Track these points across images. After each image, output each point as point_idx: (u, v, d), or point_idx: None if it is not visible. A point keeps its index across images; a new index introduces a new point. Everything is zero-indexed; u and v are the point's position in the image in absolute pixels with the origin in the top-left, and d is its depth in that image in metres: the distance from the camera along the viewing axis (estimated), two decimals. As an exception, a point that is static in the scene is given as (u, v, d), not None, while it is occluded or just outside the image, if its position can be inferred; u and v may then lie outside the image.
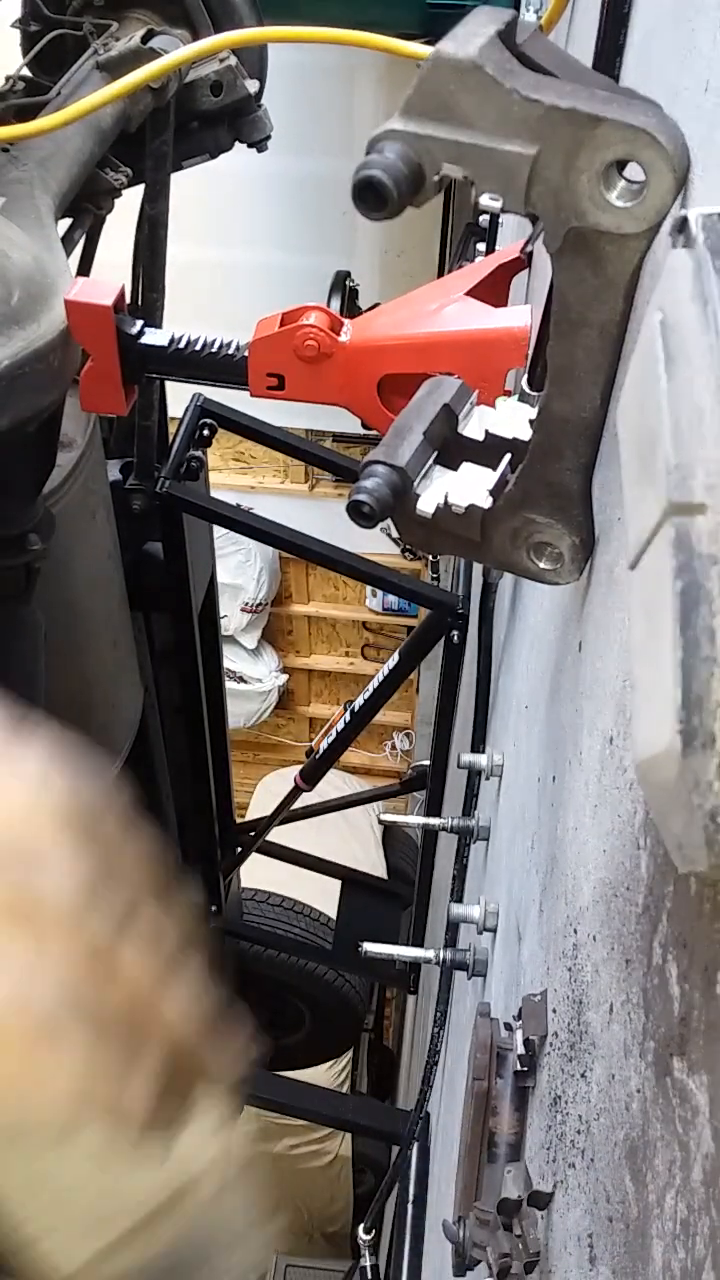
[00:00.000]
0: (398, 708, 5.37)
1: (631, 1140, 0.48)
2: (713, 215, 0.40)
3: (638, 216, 0.53)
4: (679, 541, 0.34)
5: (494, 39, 0.53)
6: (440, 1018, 1.67)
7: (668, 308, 0.40)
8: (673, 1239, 0.41)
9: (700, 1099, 0.39)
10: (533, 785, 0.94)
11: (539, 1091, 0.70)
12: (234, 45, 0.71)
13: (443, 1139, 1.43)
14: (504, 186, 0.54)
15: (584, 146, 0.52)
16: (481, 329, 0.84)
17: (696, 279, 0.40)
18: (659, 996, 0.45)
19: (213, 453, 1.94)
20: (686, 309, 0.39)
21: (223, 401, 1.67)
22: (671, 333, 0.39)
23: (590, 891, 0.61)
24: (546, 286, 0.63)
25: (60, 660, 1.54)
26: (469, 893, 1.51)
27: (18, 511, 1.33)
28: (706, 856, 0.33)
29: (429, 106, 0.53)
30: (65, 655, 1.57)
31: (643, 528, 0.37)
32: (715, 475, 0.33)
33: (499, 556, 0.72)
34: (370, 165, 0.53)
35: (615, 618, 0.62)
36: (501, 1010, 0.91)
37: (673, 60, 0.59)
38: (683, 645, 0.32)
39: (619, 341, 0.59)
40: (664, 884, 0.46)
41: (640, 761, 0.37)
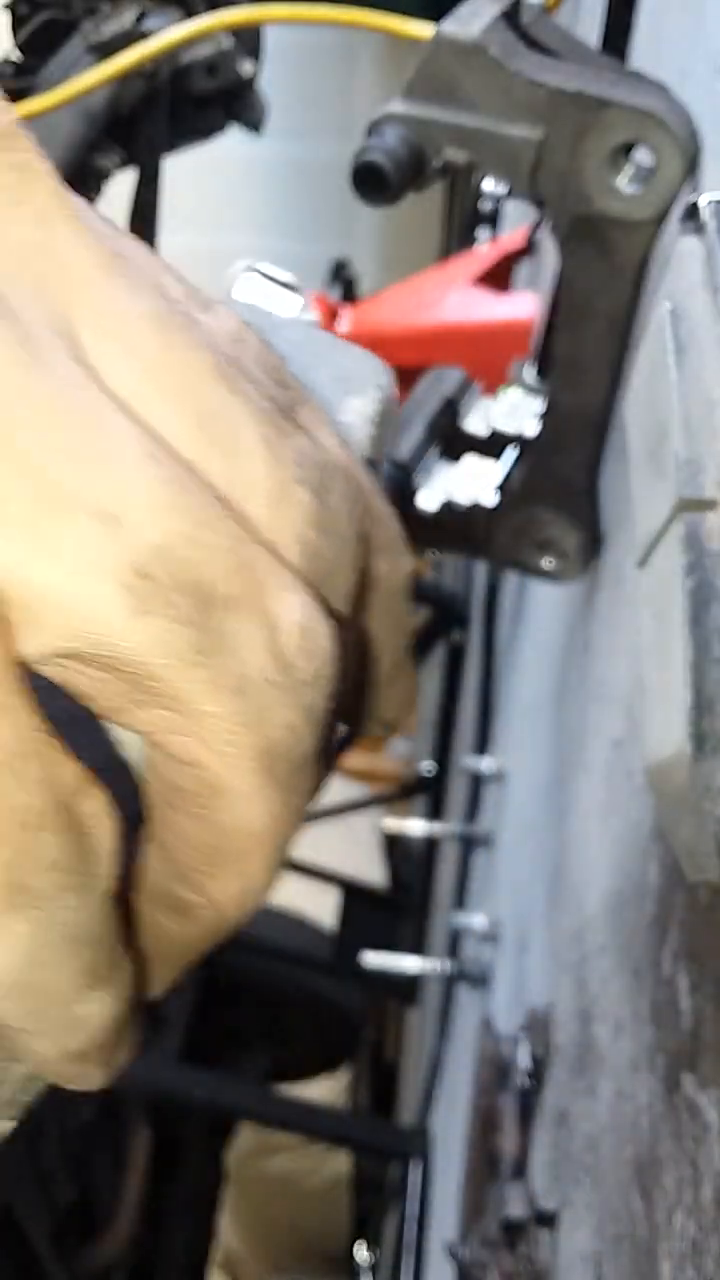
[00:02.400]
0: (401, 710, 5.39)
1: (640, 1158, 0.47)
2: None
3: (646, 202, 0.52)
4: (689, 538, 0.33)
5: (498, 19, 0.52)
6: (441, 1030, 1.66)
7: (677, 296, 0.39)
8: (682, 1259, 0.40)
9: (711, 1115, 0.38)
10: (537, 790, 0.94)
11: (544, 1107, 0.69)
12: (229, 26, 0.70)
13: (444, 1156, 1.42)
14: (508, 171, 0.53)
15: (591, 130, 0.51)
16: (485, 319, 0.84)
17: (707, 266, 0.39)
18: (669, 1009, 0.44)
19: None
20: (697, 297, 0.38)
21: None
22: (681, 322, 0.38)
23: (597, 901, 0.60)
24: (552, 275, 0.62)
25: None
26: (472, 901, 1.50)
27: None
28: (717, 865, 0.32)
29: (431, 89, 0.52)
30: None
31: (651, 524, 0.37)
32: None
33: (502, 554, 0.72)
34: (370, 149, 0.52)
35: (623, 617, 0.61)
36: (505, 1023, 0.90)
37: (682, 42, 0.58)
38: (694, 646, 0.31)
39: (627, 331, 0.58)
40: (673, 893, 0.45)
41: (649, 766, 0.36)
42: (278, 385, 0.21)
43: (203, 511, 0.18)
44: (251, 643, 0.18)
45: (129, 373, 0.18)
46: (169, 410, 0.18)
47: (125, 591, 0.17)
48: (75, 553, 0.17)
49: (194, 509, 0.18)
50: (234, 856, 0.20)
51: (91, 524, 0.17)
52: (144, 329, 0.18)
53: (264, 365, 0.21)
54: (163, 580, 0.17)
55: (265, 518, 0.19)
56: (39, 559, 0.17)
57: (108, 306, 0.18)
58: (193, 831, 0.20)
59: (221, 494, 0.19)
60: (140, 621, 0.17)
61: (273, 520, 0.19)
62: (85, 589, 0.17)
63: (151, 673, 0.18)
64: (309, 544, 0.20)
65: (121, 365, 0.18)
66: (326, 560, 0.20)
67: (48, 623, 0.17)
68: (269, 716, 0.19)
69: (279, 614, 0.18)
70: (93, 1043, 0.21)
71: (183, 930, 0.22)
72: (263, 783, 0.19)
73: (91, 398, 0.17)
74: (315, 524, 0.20)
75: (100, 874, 0.19)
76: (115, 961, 0.20)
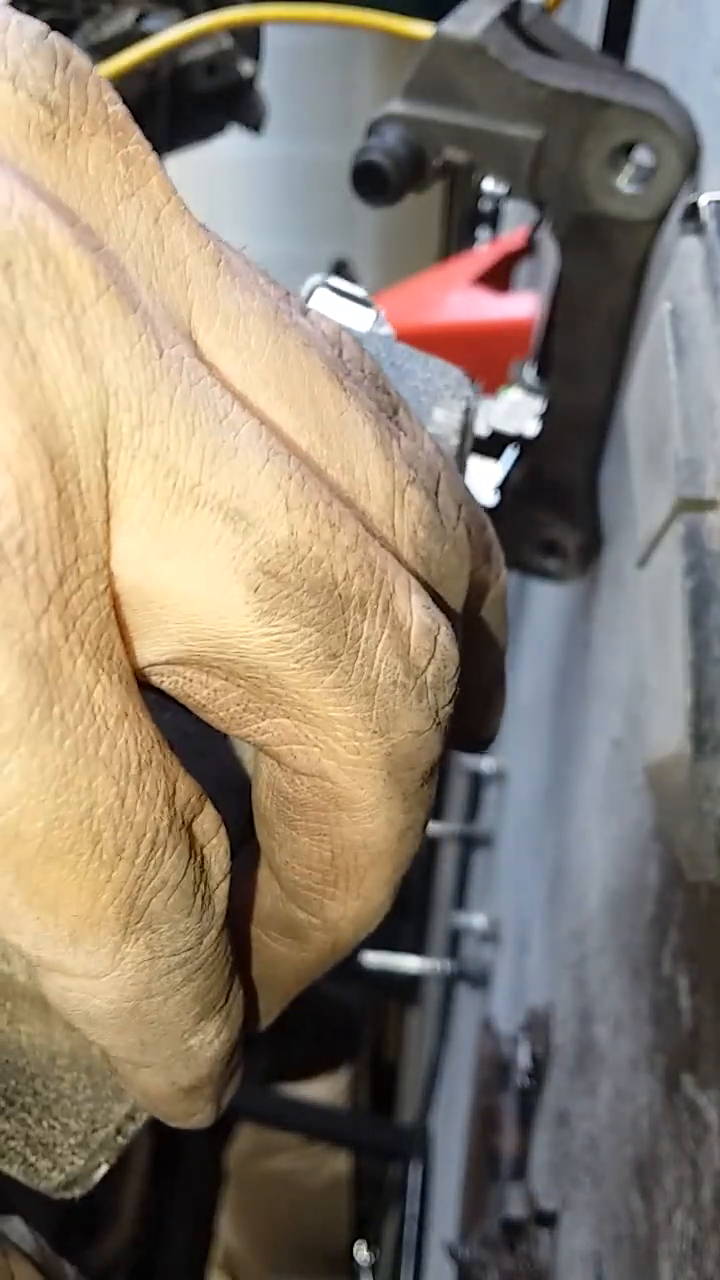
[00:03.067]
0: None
1: (640, 1157, 0.47)
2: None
3: (646, 202, 0.52)
4: (689, 538, 0.33)
5: (498, 19, 0.52)
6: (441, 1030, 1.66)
7: (677, 296, 0.39)
8: (682, 1259, 0.41)
9: (711, 1115, 0.38)
10: (537, 790, 0.94)
11: (544, 1107, 0.69)
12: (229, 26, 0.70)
13: (444, 1155, 1.42)
14: (508, 171, 0.53)
15: (591, 130, 0.51)
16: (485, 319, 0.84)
17: (707, 267, 0.39)
18: (668, 1009, 0.44)
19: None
20: (697, 298, 0.38)
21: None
22: (681, 322, 0.38)
23: (597, 900, 0.60)
24: (552, 274, 0.62)
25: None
26: (472, 901, 1.50)
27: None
28: (717, 865, 0.32)
29: (431, 89, 0.52)
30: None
31: (651, 524, 0.37)
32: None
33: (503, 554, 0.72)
34: (370, 149, 0.52)
35: (623, 618, 0.61)
36: (505, 1023, 0.90)
37: (682, 42, 0.58)
38: (694, 646, 0.32)
39: (627, 332, 0.58)
40: (673, 893, 0.45)
41: (649, 766, 0.36)
42: (378, 389, 0.20)
43: (329, 509, 0.17)
44: (379, 645, 0.17)
45: (246, 370, 0.17)
46: (286, 409, 0.18)
47: (252, 592, 0.16)
48: (202, 551, 0.16)
49: (320, 506, 0.17)
50: (354, 875, 0.19)
51: (218, 520, 0.16)
52: (258, 327, 0.18)
53: (364, 368, 0.20)
54: (291, 579, 0.16)
55: (382, 518, 0.19)
56: (164, 557, 0.16)
57: (222, 304, 0.18)
58: (310, 849, 0.19)
59: (342, 493, 0.18)
60: (268, 623, 0.16)
61: (389, 521, 0.19)
62: (212, 589, 0.16)
63: (277, 677, 0.17)
64: (424, 546, 0.19)
65: (238, 362, 0.17)
66: (441, 564, 0.20)
67: (171, 625, 0.16)
68: (397, 723, 0.18)
69: (404, 614, 0.18)
70: (203, 1076, 0.20)
71: (295, 955, 0.21)
72: (389, 794, 0.18)
73: (218, 394, 0.17)
74: (429, 525, 0.19)
75: (216, 897, 0.18)
76: (228, 990, 0.19)
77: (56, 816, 0.15)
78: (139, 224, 0.17)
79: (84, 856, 0.16)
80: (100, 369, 0.15)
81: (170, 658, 0.17)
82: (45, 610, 0.15)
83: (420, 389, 0.30)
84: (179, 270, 0.17)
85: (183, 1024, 0.18)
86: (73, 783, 0.15)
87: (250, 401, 0.17)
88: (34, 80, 0.16)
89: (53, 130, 0.17)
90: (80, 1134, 0.27)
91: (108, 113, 0.17)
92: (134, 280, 0.17)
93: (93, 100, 0.17)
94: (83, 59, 0.17)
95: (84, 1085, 0.26)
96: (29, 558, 0.14)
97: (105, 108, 0.17)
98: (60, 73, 0.17)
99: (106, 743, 0.15)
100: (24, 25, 0.17)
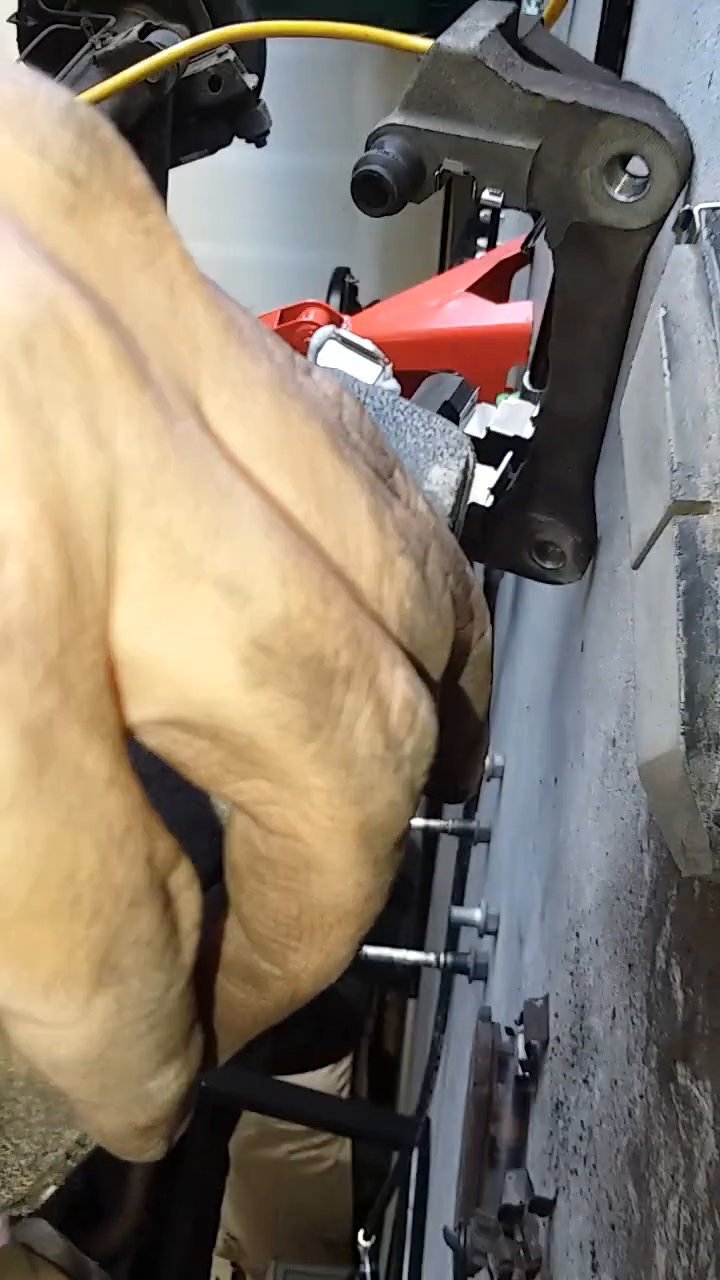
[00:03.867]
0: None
1: (634, 1147, 0.47)
2: (717, 210, 0.39)
3: (641, 211, 0.52)
4: (683, 540, 0.33)
5: (495, 32, 0.52)
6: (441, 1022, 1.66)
7: (671, 303, 0.39)
8: (676, 1246, 0.41)
9: (704, 1105, 0.39)
10: (534, 787, 0.94)
11: (541, 1097, 0.69)
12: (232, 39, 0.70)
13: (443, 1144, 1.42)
14: (506, 181, 0.53)
15: (586, 141, 0.51)
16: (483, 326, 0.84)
17: (700, 274, 0.39)
18: (662, 1002, 0.44)
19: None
20: (690, 305, 0.39)
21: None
22: (675, 329, 0.39)
23: (593, 895, 0.60)
24: (548, 282, 0.62)
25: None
26: (470, 895, 1.50)
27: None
28: (710, 860, 0.32)
29: (429, 100, 0.53)
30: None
31: (646, 526, 0.37)
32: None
33: (500, 556, 0.72)
34: (370, 160, 0.53)
35: (618, 618, 0.61)
36: (503, 1015, 0.90)
37: (676, 53, 0.58)
38: (687, 646, 0.32)
39: (622, 338, 0.58)
40: (667, 888, 0.45)
41: (643, 763, 0.36)
42: (376, 451, 0.21)
43: (322, 584, 0.17)
44: (362, 718, 0.18)
45: (250, 440, 0.18)
46: (287, 481, 0.18)
47: (244, 664, 0.16)
48: (199, 624, 0.16)
49: (314, 581, 0.17)
50: (319, 931, 0.20)
51: (217, 595, 0.16)
52: (263, 396, 0.18)
53: (362, 430, 0.20)
54: (281, 653, 0.17)
55: (371, 589, 0.19)
56: (161, 628, 0.16)
57: (229, 374, 0.18)
58: (278, 904, 0.19)
59: (334, 566, 0.18)
60: (256, 694, 0.17)
61: (377, 591, 0.19)
62: (205, 660, 0.16)
63: (260, 745, 0.17)
64: (409, 616, 0.19)
65: (241, 432, 0.18)
66: (424, 632, 0.20)
67: (161, 691, 0.17)
68: (373, 793, 0.18)
69: (388, 688, 0.18)
70: (159, 1117, 0.20)
71: (254, 1001, 0.21)
72: (359, 858, 0.19)
73: (222, 469, 0.17)
74: (416, 596, 0.19)
75: (185, 949, 0.18)
76: (188, 1036, 0.19)
77: (40, 880, 0.15)
78: (154, 295, 0.17)
79: (64, 916, 0.16)
80: (113, 446, 0.16)
81: (158, 719, 0.17)
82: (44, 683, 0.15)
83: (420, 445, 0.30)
84: (191, 341, 0.17)
85: (144, 1070, 0.19)
86: (58, 848, 0.15)
87: (252, 471, 0.17)
88: (61, 153, 0.17)
89: (76, 203, 0.17)
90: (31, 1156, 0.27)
91: (130, 185, 0.17)
92: (146, 352, 0.17)
93: (118, 172, 0.17)
94: (109, 130, 0.17)
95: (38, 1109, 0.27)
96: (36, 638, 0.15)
97: (128, 179, 0.17)
98: (87, 145, 0.17)
99: (95, 809, 0.16)
100: (53, 96, 0.17)
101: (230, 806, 0.19)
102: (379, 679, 0.18)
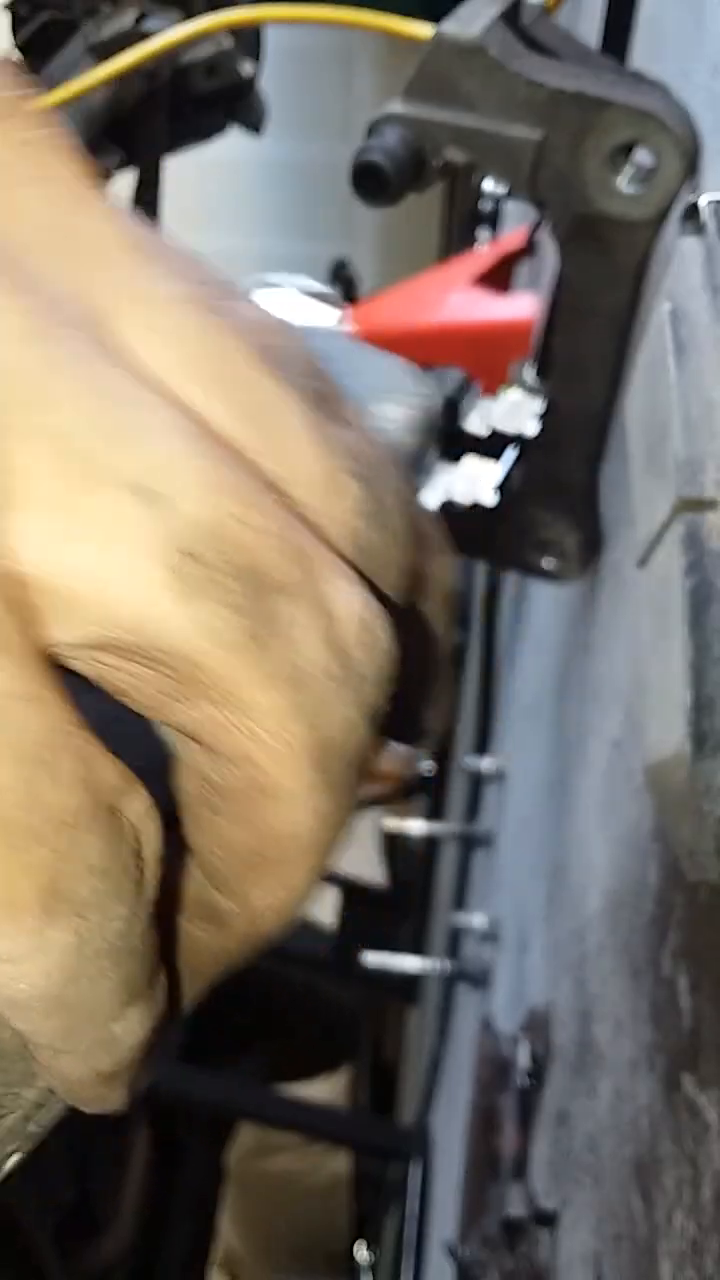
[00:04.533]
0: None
1: (640, 1158, 0.47)
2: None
3: (646, 202, 0.52)
4: (689, 538, 0.33)
5: (498, 20, 0.52)
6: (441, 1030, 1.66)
7: (677, 297, 0.39)
8: (682, 1259, 0.41)
9: (711, 1115, 0.38)
10: (537, 790, 0.94)
11: (544, 1107, 0.69)
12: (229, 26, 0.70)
13: (444, 1155, 1.42)
14: (508, 171, 0.53)
15: (591, 130, 0.51)
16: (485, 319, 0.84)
17: (707, 267, 0.39)
18: (668, 1009, 0.44)
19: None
20: (697, 298, 0.38)
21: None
22: (681, 322, 0.38)
23: (597, 900, 0.60)
24: (552, 275, 0.62)
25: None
26: (471, 901, 1.50)
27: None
28: (717, 865, 0.32)
29: (431, 89, 0.52)
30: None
31: (651, 524, 0.37)
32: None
33: (503, 554, 0.72)
34: (369, 149, 0.52)
35: (623, 618, 0.61)
36: (505, 1023, 0.90)
37: (681, 42, 0.58)
38: (693, 646, 0.31)
39: (627, 332, 0.58)
40: (673, 893, 0.45)
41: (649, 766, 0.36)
42: (316, 378, 0.20)
43: (252, 493, 0.17)
44: (309, 633, 0.17)
45: (166, 357, 0.17)
46: (211, 395, 0.17)
47: (170, 573, 0.16)
48: (113, 530, 0.16)
49: (242, 489, 0.16)
50: (278, 862, 0.19)
51: (130, 499, 0.16)
52: (180, 312, 0.17)
53: (299, 358, 0.20)
54: (212, 562, 0.16)
55: (315, 506, 0.18)
56: (72, 539, 0.15)
57: (141, 289, 0.17)
58: (234, 836, 0.19)
59: (270, 480, 0.18)
60: (187, 607, 0.16)
61: (323, 509, 0.18)
62: (125, 570, 0.16)
63: (199, 663, 0.17)
64: (360, 535, 0.19)
65: (158, 349, 0.17)
66: (378, 554, 0.19)
67: (82, 609, 0.16)
68: (326, 711, 0.17)
69: (337, 604, 0.17)
70: (123, 1062, 0.19)
71: (216, 941, 0.21)
72: (315, 782, 0.18)
73: (121, 374, 0.16)
74: (365, 514, 0.19)
75: (145, 881, 0.18)
76: (153, 975, 0.19)
77: None
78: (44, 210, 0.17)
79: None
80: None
81: (85, 641, 0.16)
82: None
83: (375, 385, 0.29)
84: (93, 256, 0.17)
85: (109, 1009, 0.18)
86: None
87: (169, 385, 0.17)
88: None
89: None
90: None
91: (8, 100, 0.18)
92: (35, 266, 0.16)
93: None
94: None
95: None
96: None
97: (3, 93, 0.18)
98: None
99: (11, 728, 0.15)
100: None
101: (178, 737, 0.19)
102: (325, 592, 0.17)
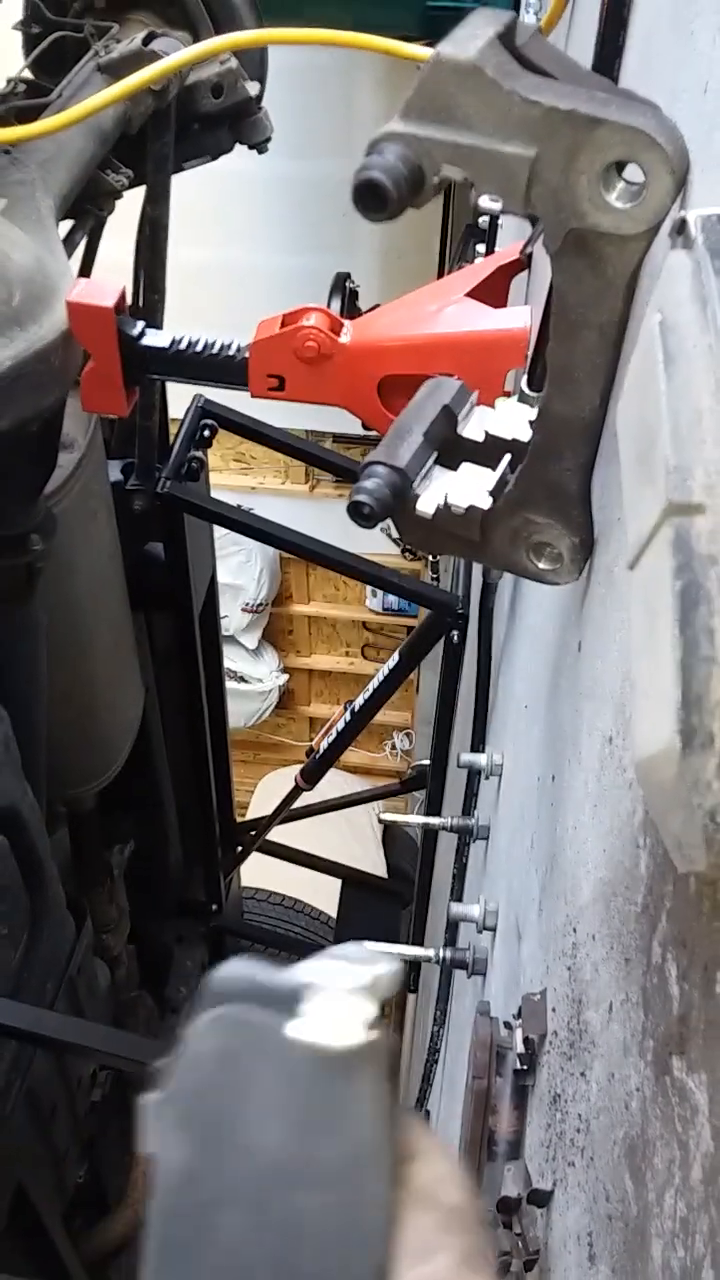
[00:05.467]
0: (398, 707, 5.37)
1: (631, 1139, 0.48)
2: (712, 216, 0.40)
3: (637, 218, 0.53)
4: (678, 542, 0.34)
5: (494, 41, 0.53)
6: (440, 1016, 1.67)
7: (667, 308, 0.40)
8: (672, 1237, 0.41)
9: (700, 1098, 0.39)
10: (532, 784, 0.94)
11: (538, 1090, 0.70)
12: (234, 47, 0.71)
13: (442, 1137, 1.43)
14: (504, 188, 0.54)
15: (583, 148, 0.52)
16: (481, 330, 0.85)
17: (696, 280, 0.40)
18: (658, 995, 0.45)
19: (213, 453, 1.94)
20: (686, 310, 0.39)
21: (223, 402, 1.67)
22: (671, 333, 0.39)
23: (590, 890, 0.61)
24: (546, 287, 0.63)
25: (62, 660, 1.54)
26: (469, 892, 1.51)
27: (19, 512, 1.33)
28: (705, 856, 0.33)
29: (429, 108, 0.53)
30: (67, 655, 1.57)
31: (642, 528, 0.37)
32: (714, 476, 0.34)
33: (498, 557, 0.72)
34: (370, 166, 0.53)
35: (615, 618, 0.62)
36: (501, 1009, 0.91)
37: (672, 62, 0.59)
38: (682, 645, 0.32)
39: (618, 342, 0.59)
40: (663, 883, 0.46)
41: (639, 761, 0.37)
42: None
43: None
44: None
45: None
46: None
47: None
48: None
49: None
50: None
51: None
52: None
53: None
54: None
55: None
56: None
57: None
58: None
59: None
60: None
61: None
62: None
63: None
64: None
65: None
66: None
67: None
68: None
69: None
70: None
71: None
72: None
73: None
74: None
75: None
76: None
77: None
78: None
79: None
80: None
81: None
82: None
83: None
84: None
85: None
86: None
87: None
88: None
89: None
90: None
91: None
92: None
93: None
94: None
95: None
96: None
97: None
98: None
99: None
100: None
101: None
102: None
